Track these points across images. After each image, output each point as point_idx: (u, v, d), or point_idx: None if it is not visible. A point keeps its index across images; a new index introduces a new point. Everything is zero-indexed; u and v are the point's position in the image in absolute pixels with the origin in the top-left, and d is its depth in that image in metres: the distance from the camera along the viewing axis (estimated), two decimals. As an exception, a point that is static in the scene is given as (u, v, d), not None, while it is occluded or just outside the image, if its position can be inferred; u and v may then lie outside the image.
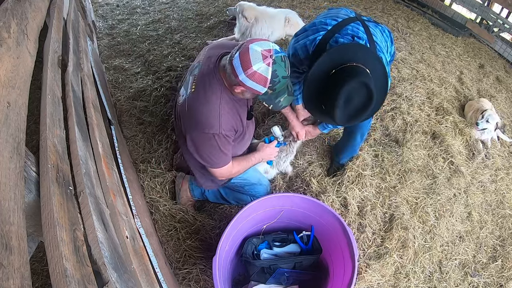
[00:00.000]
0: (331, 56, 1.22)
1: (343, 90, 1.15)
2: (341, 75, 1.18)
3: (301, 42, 1.41)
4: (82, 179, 0.87)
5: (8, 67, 0.74)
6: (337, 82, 1.18)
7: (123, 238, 0.97)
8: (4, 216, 0.53)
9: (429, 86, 2.75)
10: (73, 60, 1.47)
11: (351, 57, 1.20)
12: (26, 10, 1.03)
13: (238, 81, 1.20)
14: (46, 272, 1.42)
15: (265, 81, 1.18)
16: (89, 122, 1.28)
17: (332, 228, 1.48)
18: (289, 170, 2.00)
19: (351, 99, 1.17)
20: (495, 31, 3.93)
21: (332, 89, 1.19)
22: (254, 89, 1.21)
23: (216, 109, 1.29)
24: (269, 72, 1.16)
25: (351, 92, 1.16)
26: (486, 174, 2.22)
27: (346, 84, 1.15)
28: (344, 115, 1.22)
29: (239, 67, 1.16)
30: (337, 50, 1.23)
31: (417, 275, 1.66)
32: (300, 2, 3.99)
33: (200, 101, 1.31)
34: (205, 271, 1.57)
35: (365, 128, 1.82)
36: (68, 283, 0.56)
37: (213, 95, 1.30)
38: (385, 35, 1.44)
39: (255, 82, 1.18)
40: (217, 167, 1.43)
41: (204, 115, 1.29)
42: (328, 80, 1.22)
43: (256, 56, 1.14)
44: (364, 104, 1.19)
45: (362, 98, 1.18)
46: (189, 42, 3.17)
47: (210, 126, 1.29)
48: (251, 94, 1.30)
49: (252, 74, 1.16)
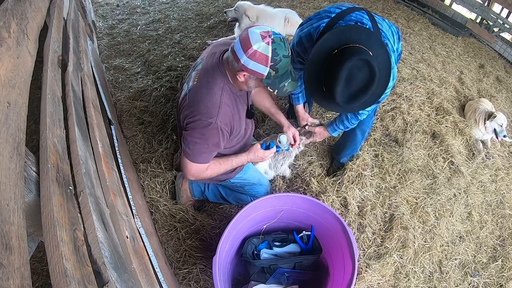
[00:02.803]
0: (334, 36, 1.21)
1: (344, 67, 1.13)
2: (343, 54, 1.16)
3: (305, 30, 1.41)
4: (82, 179, 0.87)
5: (8, 67, 0.74)
6: (340, 60, 1.15)
7: (123, 238, 0.97)
8: (4, 216, 0.53)
9: (429, 86, 2.75)
10: (73, 60, 1.47)
11: (354, 38, 1.18)
12: (26, 10, 1.03)
13: (240, 66, 1.20)
14: (46, 272, 1.42)
15: (266, 59, 1.17)
16: (89, 122, 1.28)
17: (332, 228, 1.48)
18: (287, 173, 1.99)
19: (352, 77, 1.15)
20: (495, 31, 3.93)
21: (333, 67, 1.17)
22: (256, 71, 1.20)
23: (217, 99, 1.28)
24: (269, 50, 1.16)
25: (353, 70, 1.14)
26: (486, 174, 2.22)
27: (348, 61, 1.13)
28: (345, 93, 1.19)
29: (240, 49, 1.18)
30: (340, 31, 1.22)
31: (417, 275, 1.66)
32: (300, 2, 3.98)
33: (202, 91, 1.30)
34: (205, 271, 1.58)
35: (366, 125, 1.81)
36: (68, 283, 0.56)
37: (216, 86, 1.30)
38: (392, 29, 1.42)
39: (257, 62, 1.17)
40: (191, 159, 1.34)
41: (204, 103, 1.28)
42: (330, 60, 1.20)
43: (255, 37, 1.16)
44: (366, 82, 1.17)
45: (364, 77, 1.16)
46: (189, 42, 3.17)
47: (209, 114, 1.27)
48: (255, 81, 1.28)
49: (253, 53, 1.16)
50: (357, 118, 1.62)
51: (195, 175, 1.40)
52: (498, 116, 2.36)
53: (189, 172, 1.38)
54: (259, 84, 1.30)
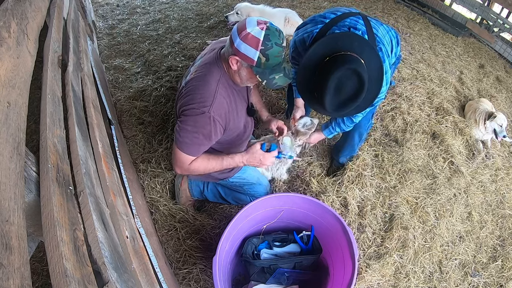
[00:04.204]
0: (326, 43, 1.23)
1: (333, 77, 1.16)
2: (334, 62, 1.19)
3: (300, 35, 1.43)
4: (82, 179, 0.87)
5: (8, 67, 0.74)
6: (329, 69, 1.18)
7: (123, 238, 0.97)
8: (4, 216, 0.53)
9: (429, 86, 2.75)
10: (73, 60, 1.47)
11: (346, 46, 1.20)
12: (26, 10, 1.03)
13: (233, 49, 1.20)
14: (46, 272, 1.42)
15: (257, 42, 1.16)
16: (89, 122, 1.28)
17: (332, 228, 1.48)
18: (284, 177, 1.96)
19: (341, 86, 1.18)
20: (495, 31, 3.93)
21: (323, 76, 1.20)
22: (247, 56, 1.18)
23: (213, 89, 1.28)
24: (261, 34, 1.16)
25: (342, 79, 1.16)
26: (486, 174, 2.22)
27: (337, 71, 1.15)
28: (334, 102, 1.22)
29: (235, 32, 1.19)
30: (332, 38, 1.24)
31: (417, 275, 1.66)
32: (300, 2, 3.99)
33: (198, 82, 1.31)
34: (205, 271, 1.58)
35: (363, 128, 1.82)
36: (68, 283, 0.56)
37: (212, 78, 1.30)
38: (390, 34, 1.43)
39: (248, 44, 1.16)
40: (179, 147, 1.30)
41: (199, 93, 1.28)
42: (320, 68, 1.22)
43: (252, 23, 1.18)
44: (355, 91, 1.19)
45: (353, 86, 1.18)
46: (189, 42, 3.17)
47: (203, 103, 1.26)
48: (246, 70, 1.25)
49: (245, 35, 1.16)
50: (352, 121, 1.64)
51: (181, 167, 1.35)
52: (498, 116, 2.36)
53: (175, 163, 1.34)
54: (250, 75, 1.26)
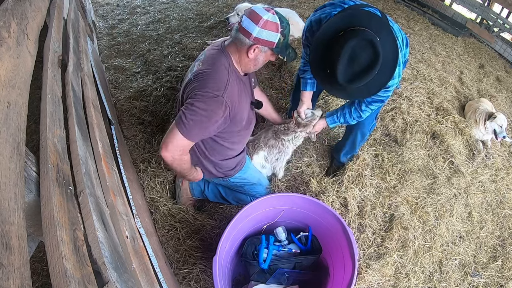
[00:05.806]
0: (343, 17, 1.23)
1: (347, 46, 1.15)
2: (349, 34, 1.17)
3: (317, 15, 1.42)
4: (82, 179, 0.87)
5: (8, 67, 0.74)
6: (344, 40, 1.16)
7: (123, 238, 0.96)
8: (4, 216, 0.53)
9: (429, 86, 2.75)
10: (73, 60, 1.47)
11: (363, 22, 1.18)
12: (26, 10, 1.03)
13: (252, 39, 1.26)
14: (46, 272, 1.42)
15: (277, 26, 1.27)
16: (89, 122, 1.28)
17: (332, 228, 1.48)
18: (280, 174, 1.95)
19: (355, 56, 1.16)
20: (495, 31, 3.93)
21: (337, 46, 1.18)
22: (269, 40, 1.27)
23: (225, 76, 1.30)
24: (276, 18, 1.27)
25: (356, 49, 1.15)
26: (486, 174, 2.22)
27: (351, 40, 1.14)
28: (347, 72, 1.19)
29: (251, 23, 1.25)
30: (350, 13, 1.24)
31: (417, 275, 1.66)
32: (300, 2, 3.98)
33: (209, 71, 1.31)
34: (205, 271, 1.58)
35: (366, 128, 1.81)
36: (68, 283, 0.56)
37: (222, 66, 1.32)
38: (402, 33, 1.42)
39: (269, 30, 1.26)
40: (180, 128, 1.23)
41: (212, 78, 1.29)
42: (335, 39, 1.20)
43: (261, 10, 1.26)
44: (369, 63, 1.17)
45: (368, 57, 1.16)
46: (189, 42, 3.17)
47: (217, 87, 1.26)
48: (264, 55, 1.34)
49: (264, 23, 1.24)
50: (359, 114, 1.58)
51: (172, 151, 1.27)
52: (498, 116, 2.36)
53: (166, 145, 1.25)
54: (267, 57, 1.37)
